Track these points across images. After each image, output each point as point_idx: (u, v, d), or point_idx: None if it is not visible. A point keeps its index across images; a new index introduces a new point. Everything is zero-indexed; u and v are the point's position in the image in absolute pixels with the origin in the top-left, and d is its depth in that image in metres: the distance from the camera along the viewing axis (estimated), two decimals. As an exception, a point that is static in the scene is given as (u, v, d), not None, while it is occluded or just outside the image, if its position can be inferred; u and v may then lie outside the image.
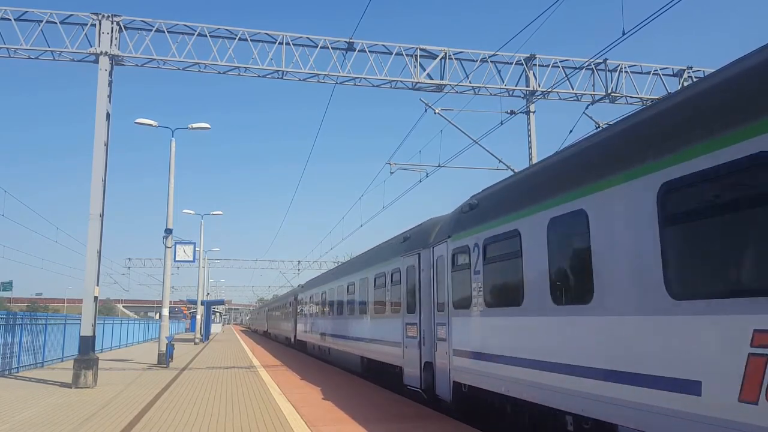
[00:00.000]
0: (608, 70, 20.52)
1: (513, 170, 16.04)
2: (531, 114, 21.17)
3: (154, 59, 18.32)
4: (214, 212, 46.08)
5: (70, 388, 15.89)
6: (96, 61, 17.70)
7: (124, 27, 18.19)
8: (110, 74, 17.80)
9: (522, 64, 20.46)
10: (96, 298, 17.32)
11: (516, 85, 20.46)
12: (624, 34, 10.61)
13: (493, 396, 9.12)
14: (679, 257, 5.52)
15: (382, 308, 15.69)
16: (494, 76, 20.16)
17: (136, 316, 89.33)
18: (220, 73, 19.03)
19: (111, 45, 17.75)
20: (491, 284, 9.32)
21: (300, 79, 19.37)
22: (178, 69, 18.84)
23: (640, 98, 20.46)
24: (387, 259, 15.68)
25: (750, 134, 4.74)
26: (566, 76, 20.33)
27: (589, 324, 6.66)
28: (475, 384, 9.68)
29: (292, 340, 36.93)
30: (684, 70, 21.01)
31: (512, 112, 15.69)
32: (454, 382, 10.69)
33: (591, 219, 6.76)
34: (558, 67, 20.52)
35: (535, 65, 20.51)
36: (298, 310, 34.83)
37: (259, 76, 19.13)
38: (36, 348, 22.16)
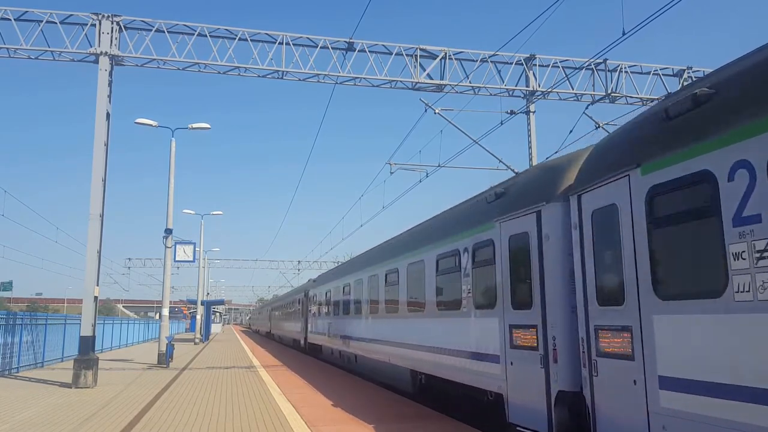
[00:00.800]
0: (608, 70, 20.53)
1: (513, 170, 16.05)
2: (531, 114, 21.19)
3: (154, 59, 18.33)
4: (214, 212, 46.23)
5: (70, 388, 15.89)
6: (96, 61, 17.70)
7: (124, 27, 18.19)
8: (110, 74, 17.81)
9: (522, 64, 20.46)
10: (96, 298, 17.32)
11: (516, 85, 20.47)
12: (624, 34, 10.61)
13: None
14: None
15: (455, 302, 10.91)
16: (494, 76, 20.19)
17: (136, 316, 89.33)
18: (220, 73, 19.04)
19: (111, 45, 17.75)
20: None
21: (300, 79, 19.38)
22: (178, 69, 18.85)
23: (640, 98, 20.48)
24: (463, 231, 10.83)
25: None
26: (566, 76, 20.35)
27: None
28: None
29: (302, 342, 32.64)
30: (684, 70, 21.02)
31: (512, 112, 15.68)
32: None
33: None
34: (558, 67, 20.53)
35: (535, 65, 20.52)
36: (310, 309, 30.19)
37: (259, 76, 19.15)
38: (36, 348, 22.17)
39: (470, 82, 19.86)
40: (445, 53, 19.68)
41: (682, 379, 5.44)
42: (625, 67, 20.68)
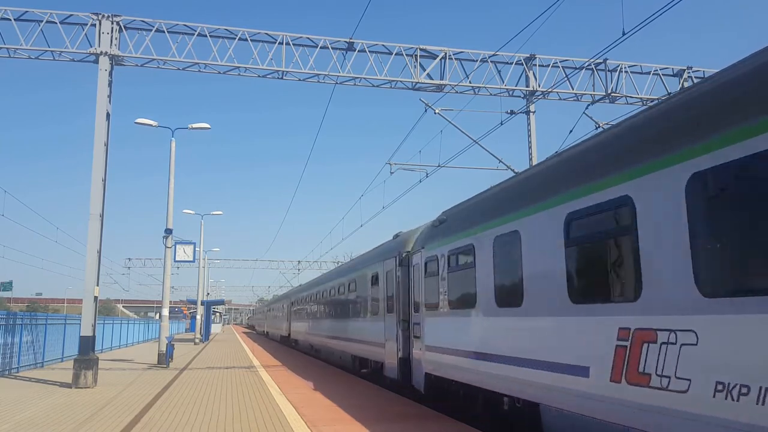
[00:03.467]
0: (608, 70, 20.53)
1: (513, 170, 16.06)
2: (531, 114, 21.18)
3: (154, 59, 18.33)
4: (214, 212, 46.33)
5: (70, 388, 15.89)
6: (96, 61, 17.70)
7: (124, 27, 18.19)
8: (110, 74, 17.80)
9: (522, 64, 20.46)
10: (96, 298, 17.32)
11: (516, 85, 20.47)
12: (624, 34, 10.62)
13: None
14: None
15: None
16: (494, 76, 20.19)
17: (136, 316, 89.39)
18: (220, 73, 19.04)
19: (111, 45, 17.75)
20: None
21: (300, 79, 19.38)
22: (178, 69, 18.85)
23: (640, 98, 20.47)
24: None
25: None
26: (566, 76, 20.35)
27: None
28: None
29: (394, 368, 14.71)
30: (684, 70, 21.02)
31: (512, 112, 15.69)
32: None
33: None
34: (558, 67, 20.53)
35: (535, 65, 20.52)
36: (426, 293, 12.54)
37: (259, 76, 19.15)
38: (36, 348, 22.16)
39: (470, 82, 19.86)
40: (445, 53, 19.68)
41: None
42: (625, 67, 20.68)
